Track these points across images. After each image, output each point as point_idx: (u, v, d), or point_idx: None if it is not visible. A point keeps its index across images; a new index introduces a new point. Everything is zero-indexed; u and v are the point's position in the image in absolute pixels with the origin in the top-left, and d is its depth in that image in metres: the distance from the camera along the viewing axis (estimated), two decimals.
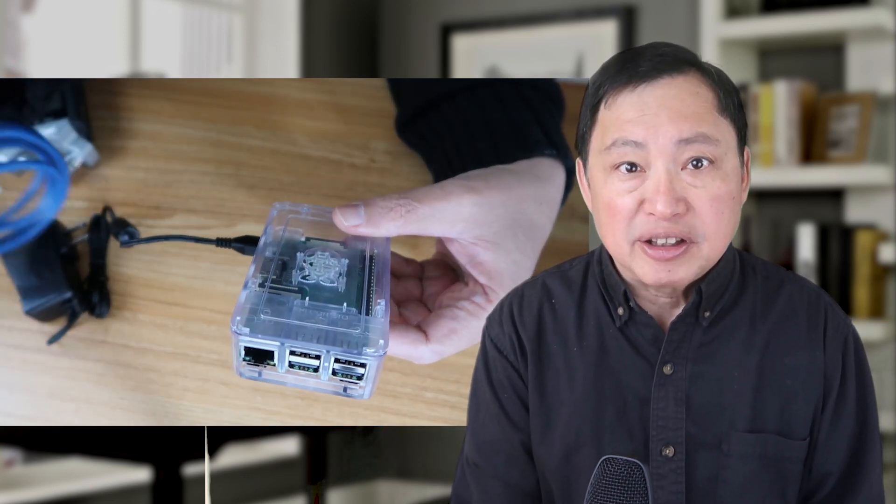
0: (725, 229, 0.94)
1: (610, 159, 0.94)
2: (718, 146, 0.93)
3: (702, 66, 0.95)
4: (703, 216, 0.93)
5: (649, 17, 3.04)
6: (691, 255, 0.93)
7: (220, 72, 3.26)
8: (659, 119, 0.92)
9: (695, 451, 0.95)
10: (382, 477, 3.43)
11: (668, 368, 0.96)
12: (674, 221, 0.92)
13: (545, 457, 1.00)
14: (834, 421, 0.97)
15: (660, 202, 0.92)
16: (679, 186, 0.92)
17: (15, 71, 2.71)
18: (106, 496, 2.83)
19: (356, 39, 3.37)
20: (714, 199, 0.93)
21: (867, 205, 2.78)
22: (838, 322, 0.99)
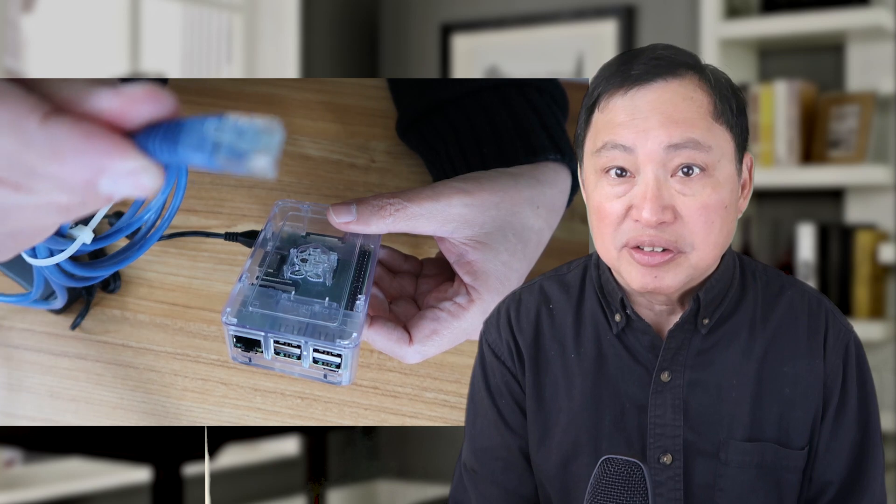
0: (716, 239, 0.92)
1: (600, 162, 0.93)
2: (710, 153, 0.90)
3: (700, 69, 0.93)
4: (692, 225, 0.90)
5: (649, 17, 3.04)
6: (677, 263, 0.92)
7: (220, 72, 3.26)
8: (649, 123, 0.90)
9: (693, 458, 0.95)
10: (382, 477, 3.43)
11: (665, 376, 0.95)
12: (660, 229, 0.90)
13: (543, 464, 0.99)
14: (834, 430, 0.96)
15: (646, 210, 0.89)
16: (667, 194, 0.90)
17: (15, 71, 2.71)
18: (106, 496, 2.83)
19: (356, 39, 3.37)
20: (703, 208, 0.90)
21: (867, 205, 2.78)
22: (839, 329, 0.97)
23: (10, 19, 2.70)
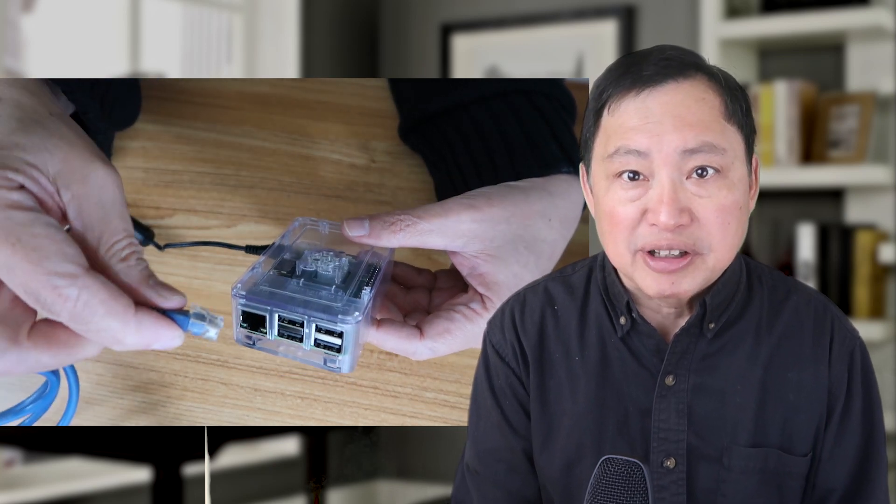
0: (732, 240, 0.91)
1: (613, 167, 0.91)
2: (725, 155, 0.90)
3: (708, 69, 0.92)
4: (709, 227, 0.90)
5: (649, 17, 3.04)
6: (695, 266, 0.91)
7: (220, 72, 3.26)
8: (663, 127, 0.89)
9: (696, 463, 0.94)
10: (382, 477, 3.43)
11: (670, 379, 0.95)
12: (677, 233, 0.89)
13: (546, 466, 0.99)
14: (838, 437, 0.95)
15: (663, 213, 0.89)
16: (683, 196, 0.89)
17: (15, 71, 2.71)
18: (106, 496, 2.83)
19: (356, 39, 3.37)
20: (720, 210, 0.90)
21: (867, 205, 2.78)
22: (845, 336, 0.96)
23: (10, 19, 2.70)
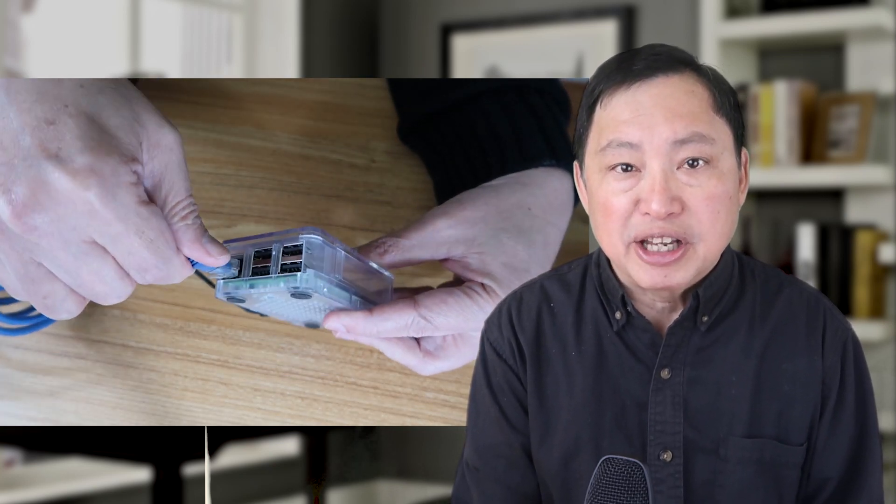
0: (722, 229, 0.93)
1: (605, 160, 0.94)
2: (714, 146, 0.92)
3: (697, 65, 0.95)
4: (699, 215, 0.92)
5: (649, 17, 3.04)
6: (687, 257, 0.93)
7: (220, 72, 3.27)
8: (654, 119, 0.91)
9: (693, 455, 0.95)
10: (382, 477, 3.43)
11: (665, 373, 0.96)
12: (669, 221, 0.92)
13: (544, 461, 1.00)
14: (833, 426, 0.96)
15: (655, 201, 0.91)
16: (674, 186, 0.92)
17: (15, 71, 2.72)
18: (106, 496, 2.83)
19: (356, 39, 3.37)
20: (710, 199, 0.92)
21: (867, 205, 2.78)
22: (837, 327, 0.98)
23: (10, 19, 2.70)
